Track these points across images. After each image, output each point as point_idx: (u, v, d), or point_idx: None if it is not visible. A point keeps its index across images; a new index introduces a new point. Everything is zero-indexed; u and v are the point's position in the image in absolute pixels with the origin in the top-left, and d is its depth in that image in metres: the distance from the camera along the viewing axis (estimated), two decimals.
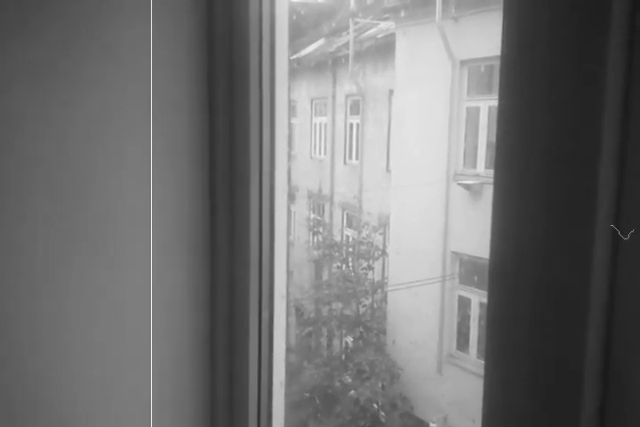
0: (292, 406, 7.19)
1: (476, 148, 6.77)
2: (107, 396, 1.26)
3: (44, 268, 1.17)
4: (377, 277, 8.26)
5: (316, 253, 9.01)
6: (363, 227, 8.40)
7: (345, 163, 9.32)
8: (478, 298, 6.75)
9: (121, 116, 1.22)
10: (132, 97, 1.22)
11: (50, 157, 1.15)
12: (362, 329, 8.01)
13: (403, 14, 7.46)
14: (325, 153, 9.75)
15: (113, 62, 1.19)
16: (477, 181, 6.54)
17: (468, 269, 7.06)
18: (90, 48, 1.17)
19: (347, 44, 8.78)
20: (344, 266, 8.50)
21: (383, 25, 8.35)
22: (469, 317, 6.98)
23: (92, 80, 1.18)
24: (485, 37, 5.57)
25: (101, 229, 1.22)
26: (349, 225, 9.16)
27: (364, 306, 8.12)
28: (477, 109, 6.72)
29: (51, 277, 1.18)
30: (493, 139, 0.76)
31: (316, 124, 10.02)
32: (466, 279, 7.04)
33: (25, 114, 1.12)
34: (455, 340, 7.19)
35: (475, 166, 6.75)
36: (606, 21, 0.64)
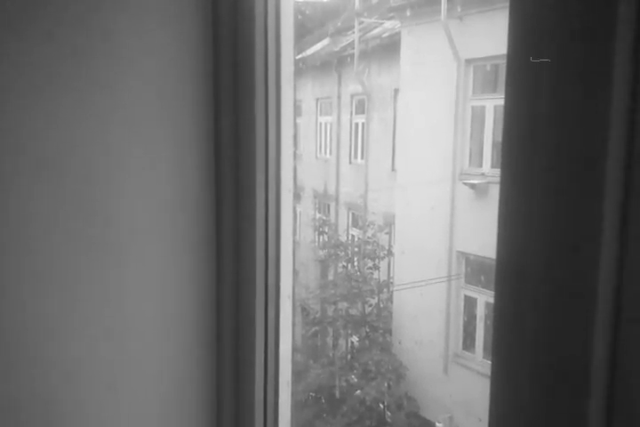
0: (297, 405, 7.19)
1: (481, 147, 6.75)
2: (112, 395, 1.27)
3: (49, 267, 1.17)
4: (383, 277, 8.25)
5: (321, 252, 9.01)
6: (368, 226, 8.40)
7: (350, 162, 9.31)
8: (484, 298, 6.74)
9: (126, 115, 1.22)
10: (137, 97, 1.23)
11: (55, 157, 1.15)
12: (368, 329, 8.01)
13: (408, 13, 7.45)
14: (331, 152, 9.75)
15: (118, 62, 1.20)
16: (483, 181, 6.52)
17: (473, 269, 7.04)
18: (95, 48, 1.17)
19: (352, 44, 8.77)
20: (350, 266, 8.50)
21: (388, 24, 8.34)
22: (475, 316, 6.96)
23: (97, 81, 1.18)
24: (491, 36, 5.56)
25: (106, 231, 1.22)
26: (355, 225, 9.16)
27: (370, 306, 8.12)
28: (483, 108, 6.70)
29: (56, 275, 1.18)
30: (499, 138, 0.76)
31: (321, 124, 10.03)
32: (472, 279, 7.03)
33: (30, 114, 1.13)
34: (461, 340, 7.18)
35: (480, 165, 6.74)
36: (613, 20, 0.64)
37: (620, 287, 0.67)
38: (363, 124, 8.94)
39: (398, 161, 8.10)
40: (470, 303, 7.05)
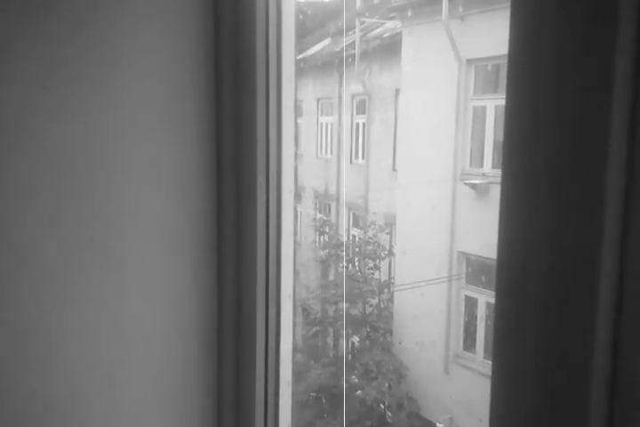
0: (298, 405, 7.19)
1: (482, 147, 6.75)
2: (113, 395, 1.27)
3: (50, 268, 1.17)
4: (383, 277, 8.25)
5: (322, 252, 9.01)
6: (369, 226, 8.39)
7: (351, 162, 9.31)
8: (485, 298, 6.74)
9: (126, 116, 1.22)
10: (137, 97, 1.23)
11: (55, 157, 1.15)
12: (368, 329, 8.00)
13: (409, 13, 7.44)
14: (331, 152, 9.75)
15: (118, 62, 1.20)
16: (484, 181, 6.52)
17: (474, 269, 7.04)
18: (96, 48, 1.17)
19: (353, 44, 8.77)
20: (350, 266, 8.50)
21: (389, 24, 8.34)
22: (476, 317, 6.96)
23: (97, 81, 1.18)
24: (492, 36, 5.55)
25: (107, 231, 1.22)
26: (356, 225, 9.15)
27: (371, 306, 8.12)
28: (484, 108, 6.70)
29: (56, 276, 1.18)
30: (500, 138, 0.76)
31: (322, 124, 10.02)
32: (472, 279, 7.03)
33: (30, 114, 1.13)
34: (462, 340, 7.18)
35: (481, 166, 6.74)
36: (613, 19, 0.64)
37: (621, 287, 0.67)
38: (363, 124, 8.94)
39: (399, 161, 8.10)
40: (471, 304, 7.05)
